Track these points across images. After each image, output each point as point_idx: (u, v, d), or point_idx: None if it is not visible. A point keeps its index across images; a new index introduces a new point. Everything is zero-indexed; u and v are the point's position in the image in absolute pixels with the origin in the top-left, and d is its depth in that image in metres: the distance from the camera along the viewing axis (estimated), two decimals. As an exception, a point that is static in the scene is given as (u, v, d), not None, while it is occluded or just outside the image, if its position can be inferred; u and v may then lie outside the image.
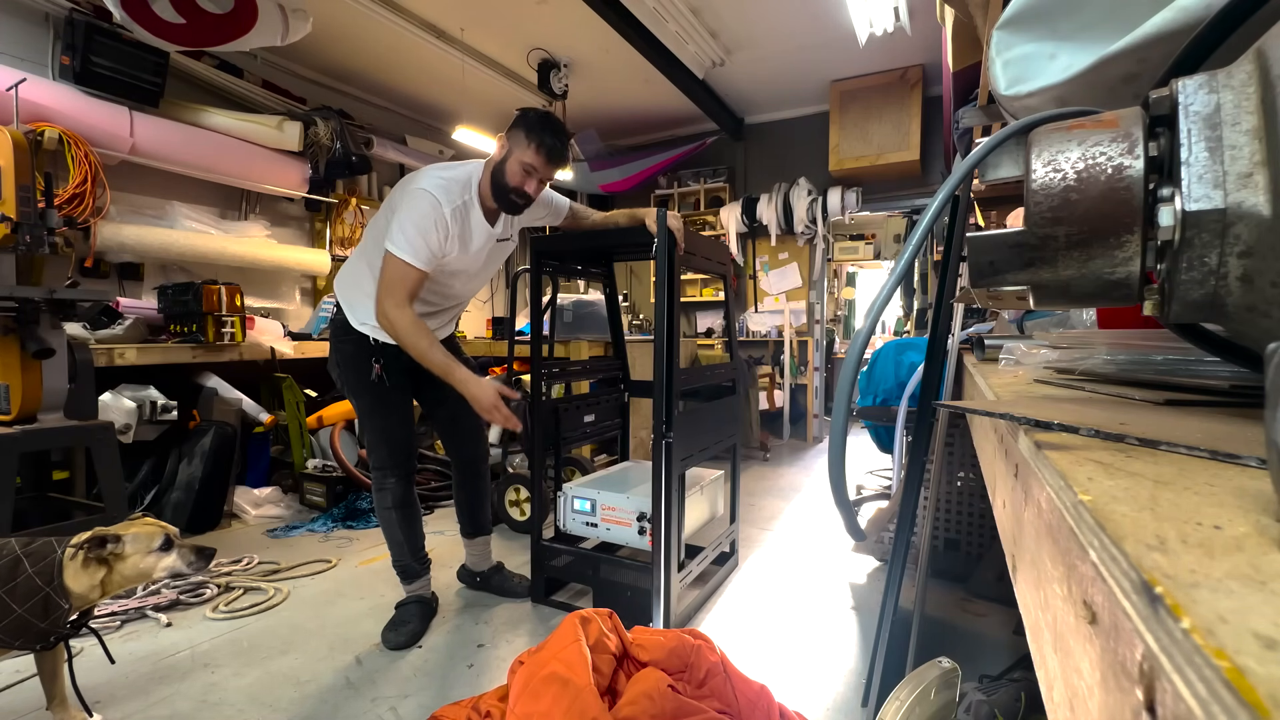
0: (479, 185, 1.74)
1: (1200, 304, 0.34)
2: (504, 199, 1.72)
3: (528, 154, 1.66)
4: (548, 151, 1.66)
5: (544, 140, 1.65)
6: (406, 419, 1.93)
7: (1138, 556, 0.20)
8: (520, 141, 1.66)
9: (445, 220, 1.64)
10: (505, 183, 1.69)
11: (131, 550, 1.31)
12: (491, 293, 6.49)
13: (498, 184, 1.70)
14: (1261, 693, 0.13)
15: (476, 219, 1.74)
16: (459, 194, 1.69)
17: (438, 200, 1.63)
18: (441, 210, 1.64)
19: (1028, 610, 0.38)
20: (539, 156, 1.66)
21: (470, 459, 2.12)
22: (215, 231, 3.72)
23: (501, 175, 1.69)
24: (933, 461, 1.72)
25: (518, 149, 1.67)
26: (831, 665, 1.77)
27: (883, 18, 3.72)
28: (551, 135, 1.66)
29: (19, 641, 1.22)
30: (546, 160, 1.67)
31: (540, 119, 1.67)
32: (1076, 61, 0.55)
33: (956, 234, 1.30)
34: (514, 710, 1.19)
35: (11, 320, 1.96)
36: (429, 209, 1.62)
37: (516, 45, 4.29)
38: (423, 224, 1.61)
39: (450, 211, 1.65)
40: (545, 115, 1.68)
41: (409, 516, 1.97)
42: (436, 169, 1.74)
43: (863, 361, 1.09)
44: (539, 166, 1.68)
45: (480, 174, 1.75)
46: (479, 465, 2.14)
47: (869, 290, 7.99)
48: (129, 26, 2.80)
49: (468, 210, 1.71)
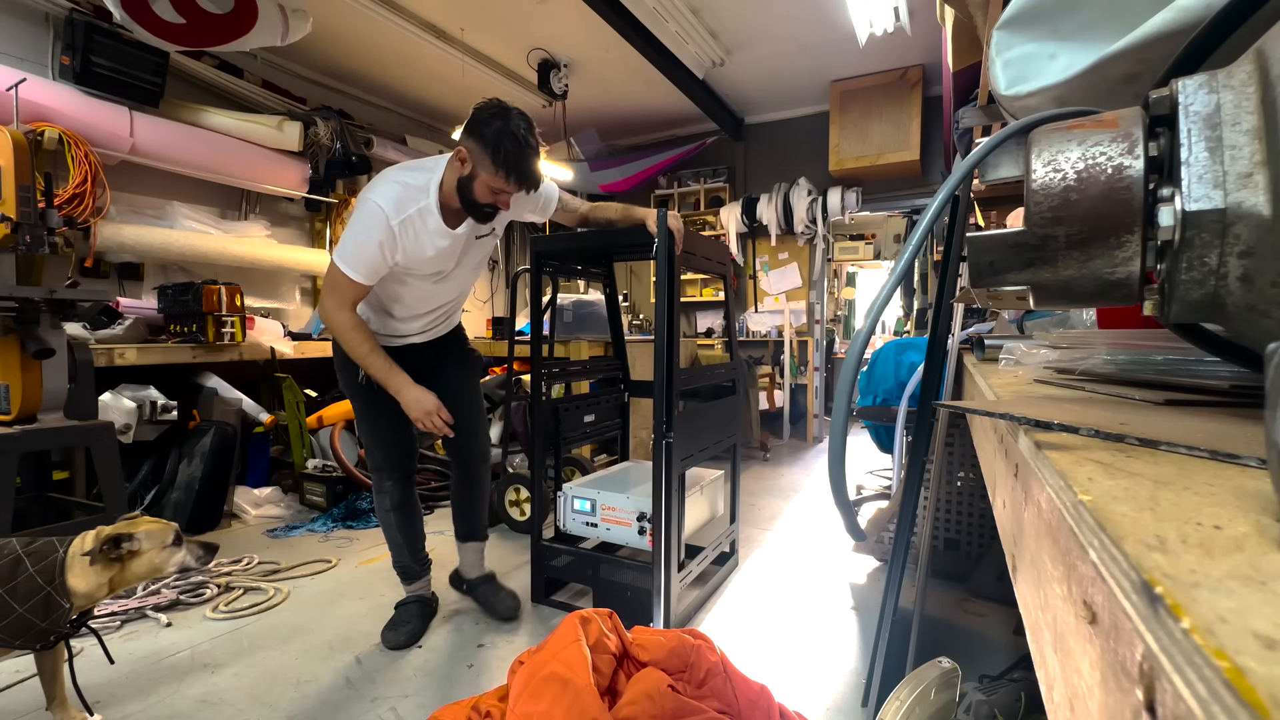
0: (441, 187, 1.61)
1: (1200, 304, 0.34)
2: (475, 211, 1.63)
3: (496, 180, 1.54)
4: (518, 178, 1.55)
5: (511, 168, 1.52)
6: (400, 420, 1.84)
7: (1138, 556, 0.20)
8: (486, 165, 1.53)
9: (392, 233, 1.55)
10: (474, 199, 1.59)
11: (147, 547, 1.33)
12: (491, 293, 6.49)
13: (466, 199, 1.60)
14: (1261, 693, 0.13)
15: (434, 225, 1.62)
16: (414, 201, 1.58)
17: (385, 214, 1.54)
18: (388, 224, 1.54)
19: (1028, 610, 0.38)
20: (510, 184, 1.55)
21: (466, 456, 2.02)
22: (215, 231, 3.72)
23: (469, 192, 1.58)
24: (933, 461, 1.72)
25: (484, 172, 1.54)
26: (831, 665, 1.77)
27: (883, 18, 3.72)
28: (519, 160, 1.52)
29: (19, 641, 1.23)
30: (518, 185, 1.57)
31: (508, 142, 1.50)
32: (1076, 61, 0.55)
33: (956, 234, 1.30)
34: (514, 710, 1.19)
35: (11, 320, 1.96)
36: (372, 225, 1.54)
37: (516, 45, 4.29)
38: (363, 240, 1.54)
39: (400, 223, 1.56)
40: (511, 136, 1.51)
41: (408, 519, 1.95)
42: (399, 171, 1.64)
43: (863, 361, 1.09)
44: (510, 190, 1.58)
45: (442, 172, 1.62)
46: (474, 464, 2.04)
47: (869, 290, 7.99)
48: (129, 26, 2.80)
49: (423, 218, 1.60)
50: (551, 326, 2.77)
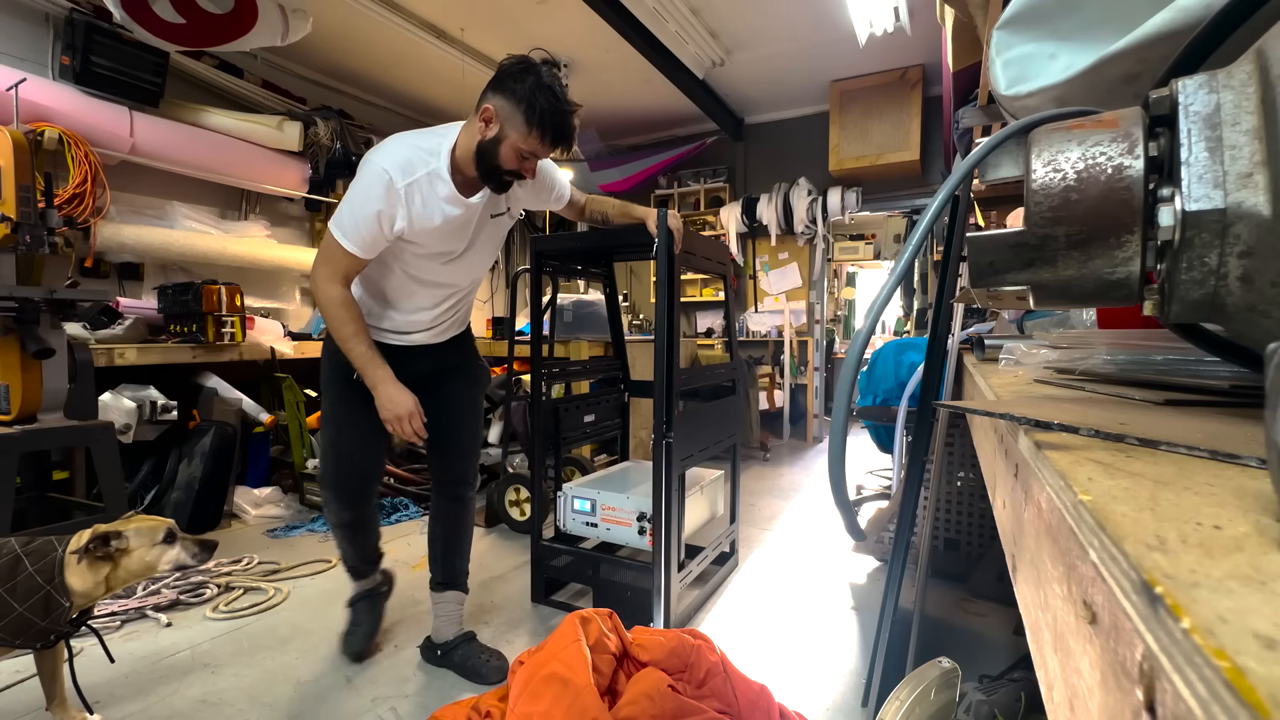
0: (453, 153, 1.46)
1: (1200, 304, 0.34)
2: (494, 178, 1.46)
3: (529, 140, 1.39)
4: (554, 136, 1.41)
5: (547, 126, 1.39)
6: (371, 434, 1.64)
7: (1138, 556, 0.20)
8: (518, 124, 1.38)
9: (396, 198, 1.40)
10: (497, 164, 1.42)
11: (136, 544, 1.31)
12: (491, 292, 6.49)
13: (486, 163, 1.43)
14: (1261, 693, 0.13)
15: (446, 192, 1.46)
16: (423, 164, 1.43)
17: (388, 177, 1.39)
18: (392, 187, 1.39)
19: (1028, 610, 0.38)
20: (544, 144, 1.41)
21: (456, 478, 1.78)
22: (215, 231, 3.72)
23: (493, 156, 1.42)
24: (933, 461, 1.72)
25: (514, 132, 1.39)
26: (831, 665, 1.77)
27: (883, 18, 3.72)
28: (556, 116, 1.39)
29: (19, 640, 1.23)
30: (553, 145, 1.43)
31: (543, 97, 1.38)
32: (1076, 61, 0.55)
33: (956, 234, 1.30)
34: (514, 710, 1.19)
35: (11, 320, 1.96)
36: (374, 189, 1.39)
37: (516, 45, 4.29)
38: (362, 207, 1.40)
39: (406, 186, 1.41)
40: (547, 90, 1.38)
41: (354, 534, 1.76)
42: (408, 134, 1.50)
43: (863, 361, 1.09)
44: (542, 152, 1.44)
45: (454, 138, 1.47)
46: (463, 489, 1.78)
47: (869, 290, 7.99)
48: (129, 26, 2.80)
49: (432, 182, 1.44)
50: (551, 326, 2.77)
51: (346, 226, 1.41)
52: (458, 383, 1.76)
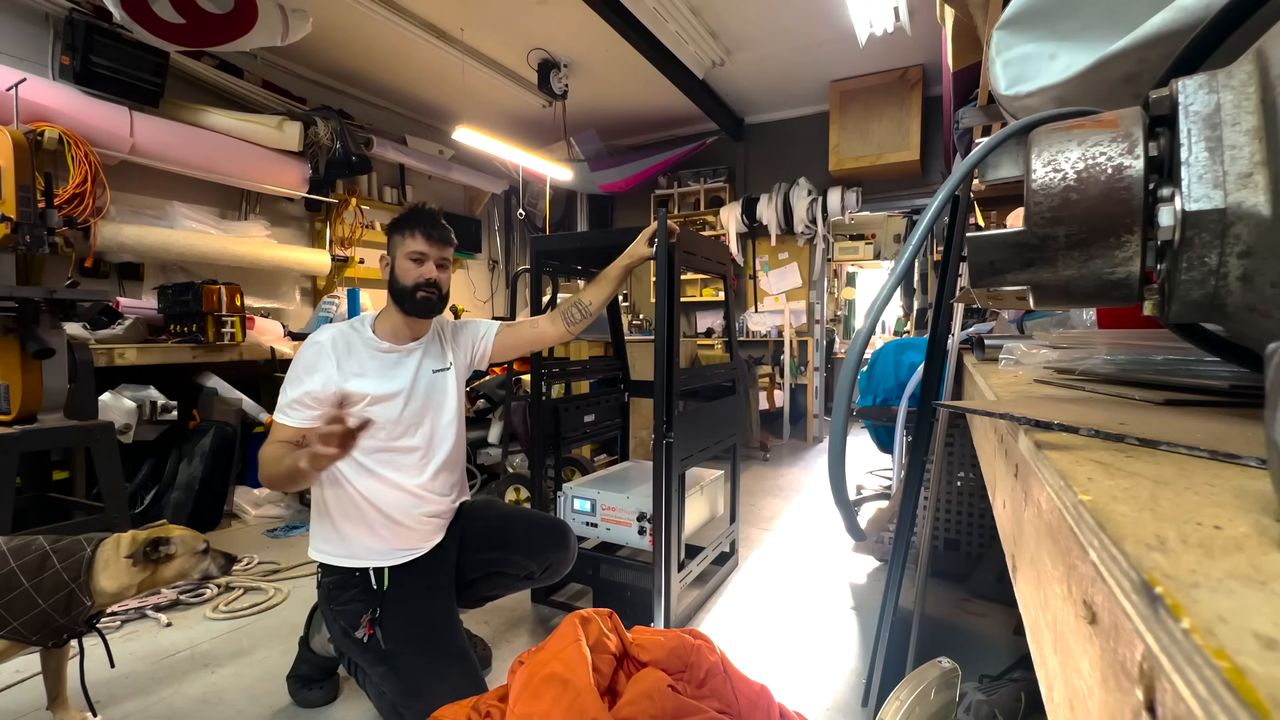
0: (375, 315, 1.62)
1: (1200, 304, 0.34)
2: (411, 300, 1.55)
3: (407, 243, 1.56)
4: (424, 231, 1.56)
5: (416, 224, 1.56)
6: (450, 621, 1.53)
7: (1138, 556, 0.20)
8: (396, 242, 1.58)
9: (326, 350, 1.50)
10: (405, 286, 1.55)
11: (181, 552, 1.35)
12: (491, 292, 6.49)
13: (398, 290, 1.56)
14: (1262, 693, 0.13)
15: (368, 335, 1.57)
16: (349, 328, 1.58)
17: (318, 341, 1.53)
18: (321, 341, 1.52)
19: (1028, 610, 0.38)
20: (418, 239, 1.56)
21: (540, 570, 1.69)
22: (215, 231, 3.72)
23: (398, 280, 1.56)
24: (933, 461, 1.72)
25: (398, 249, 1.57)
26: (831, 665, 1.77)
27: (883, 18, 3.72)
28: (421, 215, 1.58)
29: (36, 636, 1.24)
30: (427, 238, 1.56)
31: (407, 213, 1.59)
32: (1076, 61, 0.55)
33: (956, 234, 1.30)
34: (514, 710, 1.19)
35: (11, 320, 1.96)
36: (305, 351, 1.52)
37: (516, 45, 4.29)
38: (295, 370, 1.51)
39: (331, 338, 1.53)
40: (410, 209, 1.60)
41: None
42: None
43: (863, 361, 1.09)
44: (427, 249, 1.56)
45: (376, 315, 1.63)
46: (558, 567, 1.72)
47: (869, 290, 7.99)
48: (129, 26, 2.81)
49: (358, 332, 1.57)
50: (551, 326, 2.76)
51: (281, 401, 1.50)
52: (478, 516, 1.71)
